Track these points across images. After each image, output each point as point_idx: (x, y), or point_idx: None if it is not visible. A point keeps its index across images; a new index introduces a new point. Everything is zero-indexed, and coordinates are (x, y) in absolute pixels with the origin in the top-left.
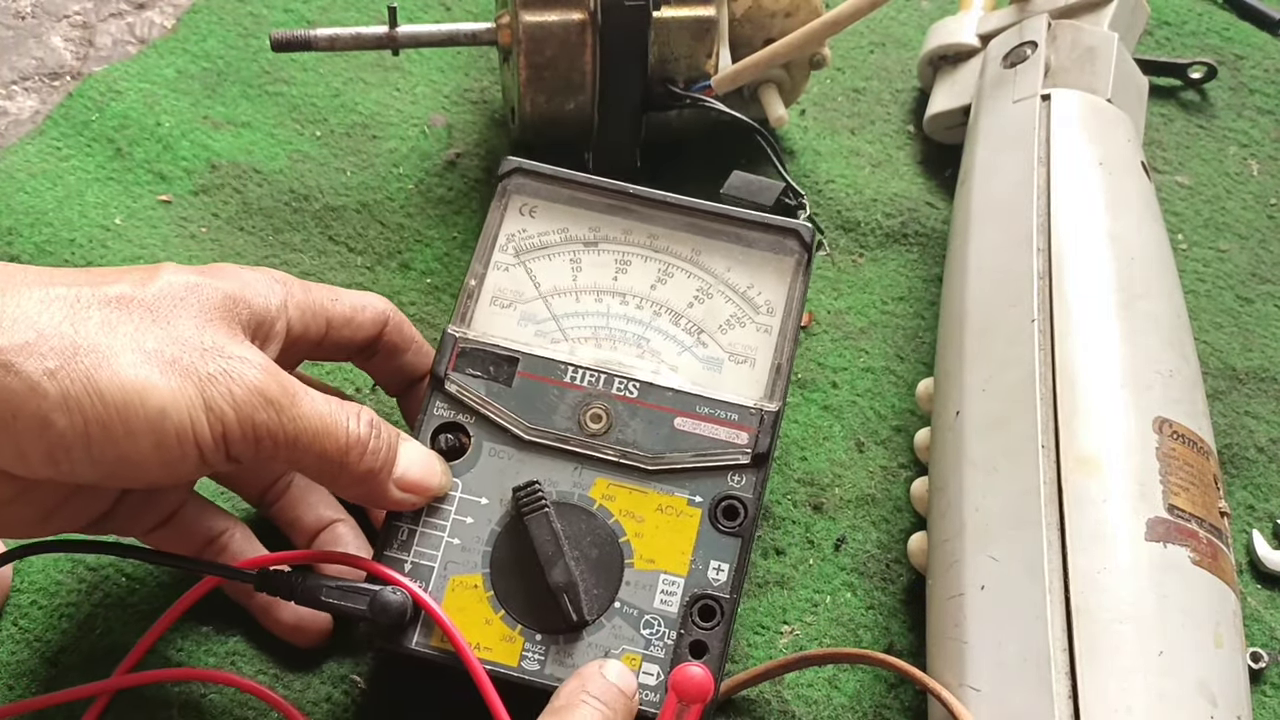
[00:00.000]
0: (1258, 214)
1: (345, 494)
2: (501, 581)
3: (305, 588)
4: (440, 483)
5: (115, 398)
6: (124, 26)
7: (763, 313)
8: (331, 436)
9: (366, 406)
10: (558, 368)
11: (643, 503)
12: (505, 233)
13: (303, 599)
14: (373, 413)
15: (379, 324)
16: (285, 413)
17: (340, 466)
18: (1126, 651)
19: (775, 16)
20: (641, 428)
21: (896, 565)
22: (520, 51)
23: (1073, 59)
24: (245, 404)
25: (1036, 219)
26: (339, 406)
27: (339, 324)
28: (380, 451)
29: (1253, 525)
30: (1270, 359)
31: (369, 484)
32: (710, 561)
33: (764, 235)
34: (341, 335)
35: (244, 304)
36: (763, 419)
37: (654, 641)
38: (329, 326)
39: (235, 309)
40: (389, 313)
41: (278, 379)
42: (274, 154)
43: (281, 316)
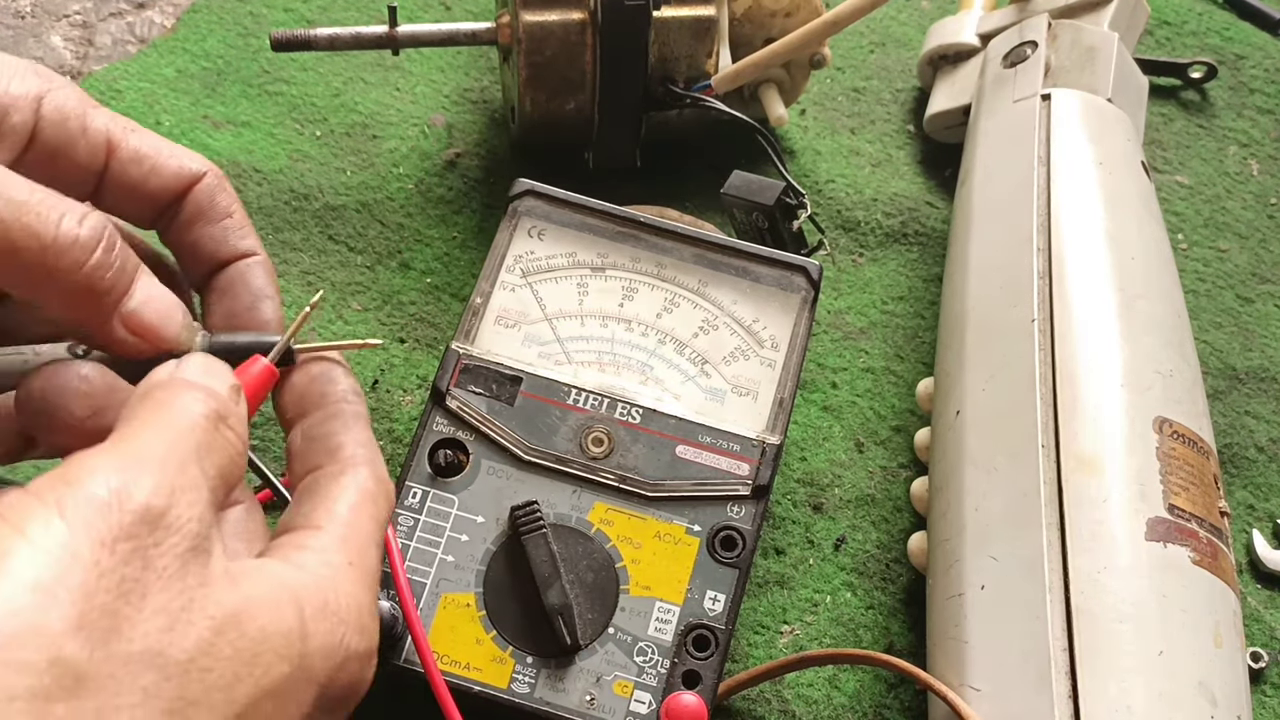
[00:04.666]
0: (1258, 214)
1: (57, 312)
2: (495, 601)
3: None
4: (177, 334)
5: None
6: (124, 26)
7: (767, 347)
8: (27, 229)
9: (104, 215)
10: (561, 389)
11: (641, 529)
12: (513, 253)
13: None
14: (109, 222)
15: (184, 179)
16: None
17: (46, 272)
18: (1126, 651)
19: (775, 16)
20: (643, 454)
21: (896, 565)
22: (520, 51)
23: (1073, 59)
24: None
25: (1036, 219)
26: (47, 196)
27: (128, 159)
28: (110, 268)
29: (1253, 525)
30: (1270, 359)
31: (87, 306)
32: (707, 591)
33: (771, 270)
34: (130, 176)
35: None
36: (764, 451)
37: (647, 669)
38: (112, 157)
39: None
40: (205, 171)
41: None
42: (274, 153)
43: (23, 110)
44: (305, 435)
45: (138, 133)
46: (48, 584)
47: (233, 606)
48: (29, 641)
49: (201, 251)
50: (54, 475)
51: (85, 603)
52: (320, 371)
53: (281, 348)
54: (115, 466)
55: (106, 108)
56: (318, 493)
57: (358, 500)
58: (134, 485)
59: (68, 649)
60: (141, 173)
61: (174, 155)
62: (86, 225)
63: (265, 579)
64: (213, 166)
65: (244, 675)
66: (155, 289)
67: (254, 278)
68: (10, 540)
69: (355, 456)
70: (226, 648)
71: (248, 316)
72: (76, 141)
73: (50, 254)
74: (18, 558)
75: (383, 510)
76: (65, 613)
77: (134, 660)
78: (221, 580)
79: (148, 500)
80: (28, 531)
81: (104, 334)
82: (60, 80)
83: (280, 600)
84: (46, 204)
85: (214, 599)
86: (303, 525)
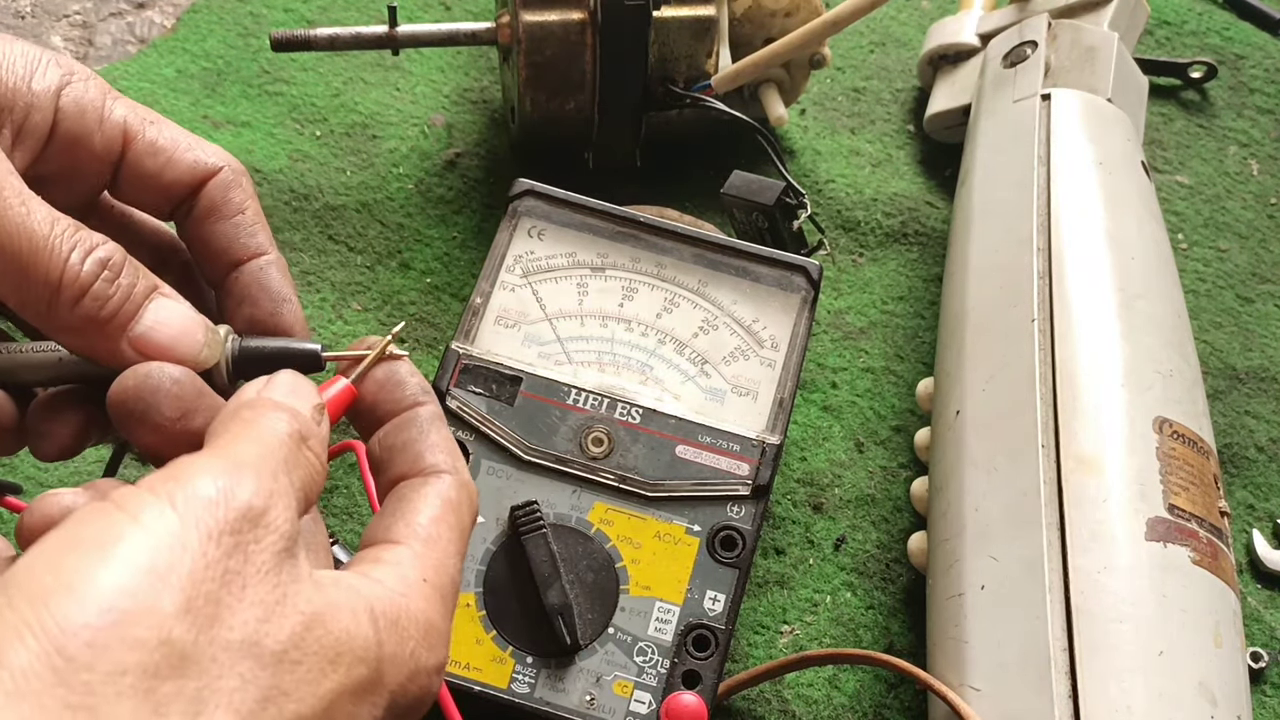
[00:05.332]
0: (1258, 214)
1: (60, 340)
2: (494, 601)
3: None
4: (195, 354)
5: None
6: (124, 26)
7: (767, 347)
8: (39, 264)
9: (115, 244)
10: (561, 389)
11: (641, 529)
12: (513, 253)
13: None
14: (118, 250)
15: (198, 173)
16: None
17: (48, 305)
18: (1126, 651)
19: (775, 16)
20: (643, 454)
21: (896, 565)
22: (520, 51)
23: (1073, 59)
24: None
25: (1036, 219)
26: (65, 231)
27: (144, 151)
28: (109, 298)
29: (1253, 525)
30: (1270, 359)
31: (89, 334)
32: (707, 591)
33: (771, 270)
34: (145, 168)
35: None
36: (764, 451)
37: (647, 669)
38: (128, 150)
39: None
40: (222, 166)
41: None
42: (274, 154)
43: (44, 108)
44: (383, 445)
45: (157, 124)
46: (161, 569)
47: (320, 606)
48: (142, 620)
49: (214, 247)
50: (163, 474)
51: (193, 589)
52: (386, 376)
53: (364, 370)
54: (220, 469)
55: (128, 98)
56: (400, 505)
57: (440, 512)
58: (238, 486)
59: (176, 631)
60: (157, 165)
61: (190, 149)
62: (90, 259)
63: (345, 589)
64: (231, 161)
65: (329, 671)
66: (168, 310)
67: (270, 280)
68: (127, 527)
69: (437, 464)
70: (314, 644)
71: (271, 323)
72: (93, 134)
73: (54, 289)
74: (134, 543)
75: (465, 518)
76: (175, 597)
77: (233, 647)
78: (308, 580)
79: (250, 500)
80: (143, 520)
81: (115, 359)
82: (81, 71)
83: (357, 609)
84: (61, 240)
85: (304, 596)
86: (383, 539)
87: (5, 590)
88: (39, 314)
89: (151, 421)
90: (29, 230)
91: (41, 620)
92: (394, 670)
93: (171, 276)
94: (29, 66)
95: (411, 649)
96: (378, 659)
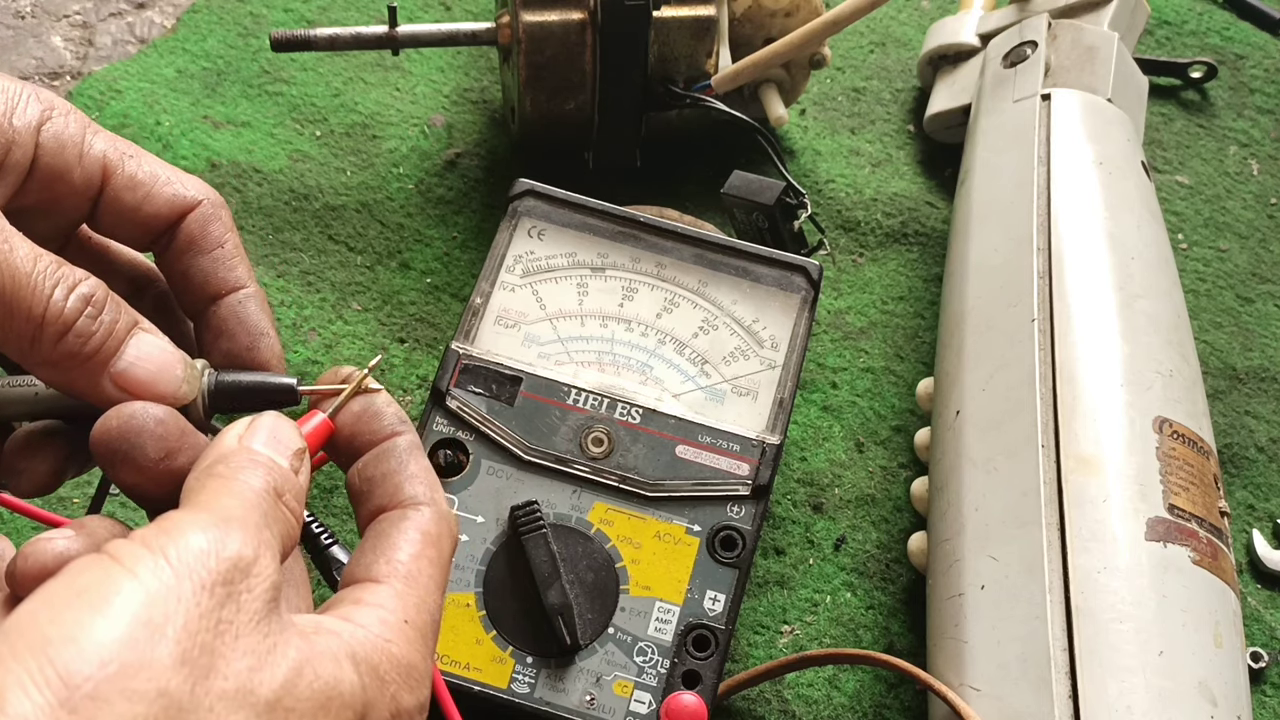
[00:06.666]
0: (1258, 214)
1: (42, 376)
2: (494, 601)
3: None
4: (175, 390)
5: None
6: (124, 26)
7: (767, 347)
8: (21, 301)
9: (96, 280)
10: (561, 389)
11: (641, 529)
12: (513, 253)
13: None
14: (100, 286)
15: (177, 207)
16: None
17: (30, 341)
18: (1126, 651)
19: (775, 16)
20: (643, 454)
21: (896, 565)
22: (520, 51)
23: (1073, 59)
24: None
25: (1036, 219)
26: (47, 268)
27: (123, 185)
28: (91, 335)
29: (1253, 525)
30: (1270, 359)
31: (70, 370)
32: (707, 591)
33: (771, 270)
34: (124, 202)
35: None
36: (764, 451)
37: (647, 669)
38: (107, 184)
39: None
40: (201, 199)
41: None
42: (274, 154)
43: (24, 145)
44: (362, 476)
45: (136, 158)
46: (157, 621)
47: (307, 654)
48: (140, 673)
49: (192, 281)
50: (154, 528)
51: (188, 640)
52: (364, 407)
53: (340, 405)
54: (208, 523)
55: (109, 131)
56: (380, 541)
57: (419, 548)
58: (227, 538)
59: (173, 682)
60: (135, 199)
61: (170, 182)
62: (74, 295)
63: (328, 635)
64: (211, 194)
65: (320, 717)
66: (149, 346)
67: (248, 314)
68: (124, 580)
69: (415, 496)
70: (305, 690)
71: (248, 357)
72: (73, 168)
73: (37, 325)
74: (131, 596)
75: (445, 550)
76: (171, 649)
77: (228, 696)
78: (294, 630)
79: (240, 550)
80: (139, 573)
81: (96, 394)
82: (61, 106)
83: (340, 656)
84: (44, 276)
85: (293, 645)
86: (364, 577)
87: (8, 638)
88: (21, 350)
89: (135, 462)
90: (12, 267)
91: (44, 671)
92: (376, 712)
93: (148, 307)
94: (9, 103)
95: (393, 692)
96: (363, 704)
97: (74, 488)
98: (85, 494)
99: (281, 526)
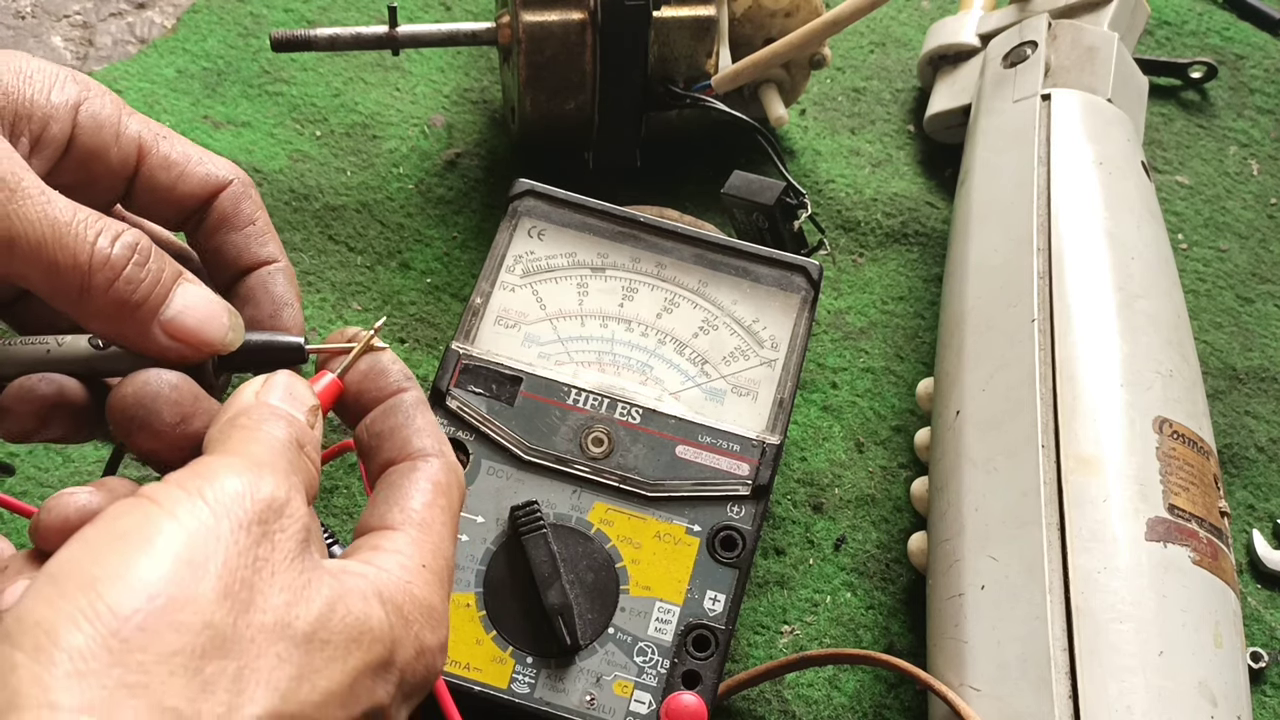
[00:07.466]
0: (1258, 214)
1: (94, 327)
2: (494, 601)
3: None
4: (223, 337)
5: None
6: (124, 26)
7: (767, 347)
8: (66, 249)
9: (138, 230)
10: (561, 389)
11: (641, 529)
12: (513, 253)
13: None
14: (143, 236)
15: (210, 185)
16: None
17: (80, 290)
18: (1126, 651)
19: (775, 16)
20: (643, 454)
21: (896, 565)
22: (520, 51)
23: (1073, 59)
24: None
25: (1036, 219)
26: (88, 216)
27: (158, 165)
28: (140, 282)
29: (1253, 525)
30: (1270, 359)
31: (122, 319)
32: (707, 591)
33: (771, 270)
34: (159, 181)
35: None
36: (764, 451)
37: (647, 669)
38: (142, 163)
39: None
40: (232, 179)
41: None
42: (274, 154)
43: (62, 120)
44: (370, 432)
45: (169, 139)
46: (199, 559)
47: (339, 591)
48: (186, 606)
49: (225, 256)
50: (188, 471)
51: (229, 576)
52: (370, 365)
53: (349, 365)
54: (242, 466)
55: (140, 114)
56: (393, 491)
57: (431, 497)
58: (261, 480)
59: (216, 615)
60: (169, 179)
61: (202, 162)
62: (119, 244)
63: (354, 575)
64: (240, 174)
65: (353, 650)
66: (195, 295)
67: (275, 285)
68: (164, 521)
69: (424, 448)
70: (338, 623)
71: (269, 324)
72: (109, 148)
73: (85, 272)
74: (172, 536)
75: (455, 499)
76: (213, 584)
77: (267, 629)
78: (324, 568)
79: (273, 492)
80: (178, 514)
81: (146, 343)
82: (97, 88)
83: (368, 593)
84: (79, 223)
85: (325, 582)
86: (379, 525)
87: (55, 580)
88: (71, 300)
89: (151, 428)
90: (51, 218)
91: (95, 607)
92: (403, 650)
93: None
94: (47, 81)
95: (416, 630)
96: (391, 639)
97: (77, 482)
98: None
99: (305, 476)
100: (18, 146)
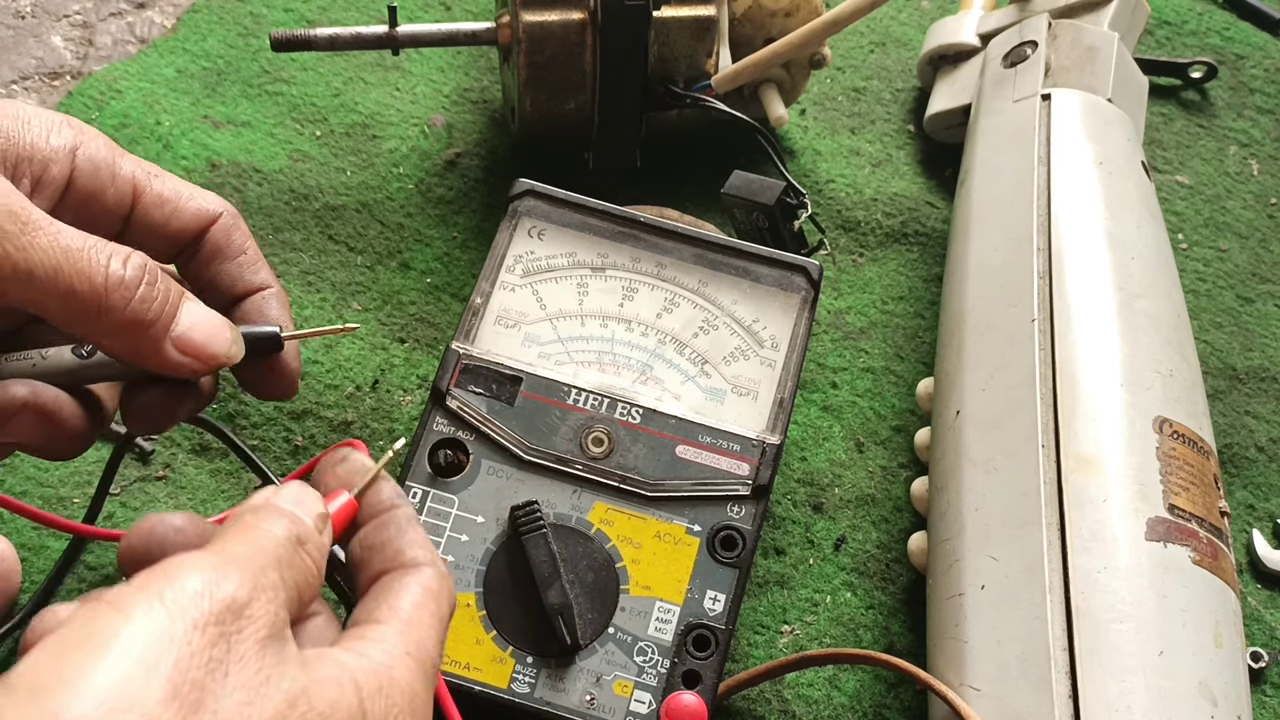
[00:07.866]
0: (1258, 214)
1: (109, 346)
2: (494, 601)
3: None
4: (227, 350)
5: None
6: (124, 26)
7: (767, 347)
8: (81, 274)
9: (142, 253)
10: (561, 389)
11: (641, 529)
12: (513, 253)
13: None
14: (148, 259)
15: (202, 219)
16: (13, 240)
17: (98, 311)
18: (1126, 651)
19: (775, 16)
20: (643, 454)
21: (896, 565)
22: (520, 51)
23: (1073, 59)
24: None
25: (1036, 219)
26: (97, 243)
27: (152, 203)
28: (153, 301)
29: (1253, 525)
30: (1270, 359)
31: (137, 337)
32: (707, 591)
33: (771, 270)
34: (153, 218)
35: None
36: (764, 451)
37: (647, 669)
38: (137, 201)
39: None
40: (221, 211)
41: (5, 203)
42: (274, 153)
43: (61, 162)
44: (363, 545)
45: (160, 177)
46: (150, 661)
47: (305, 683)
48: (134, 708)
49: (219, 285)
50: (155, 570)
51: (179, 677)
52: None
53: (366, 483)
54: (208, 565)
55: (132, 155)
56: (383, 592)
57: (420, 599)
58: (223, 580)
59: (163, 717)
60: (164, 215)
61: (192, 198)
62: (130, 265)
63: (330, 662)
64: (228, 206)
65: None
66: (199, 313)
67: (269, 309)
68: (120, 623)
69: (417, 558)
70: (298, 718)
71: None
72: (106, 188)
73: (101, 294)
74: (126, 637)
75: (444, 606)
76: (162, 686)
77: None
78: (294, 662)
79: (234, 593)
80: (134, 617)
81: (158, 360)
82: (91, 131)
83: (342, 680)
84: (90, 250)
85: (288, 676)
86: (366, 620)
87: (11, 690)
88: (89, 321)
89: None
90: (64, 246)
91: (41, 716)
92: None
93: None
94: (45, 126)
95: (395, 715)
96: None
97: (74, 488)
98: (85, 494)
99: (300, 574)
100: (19, 187)
